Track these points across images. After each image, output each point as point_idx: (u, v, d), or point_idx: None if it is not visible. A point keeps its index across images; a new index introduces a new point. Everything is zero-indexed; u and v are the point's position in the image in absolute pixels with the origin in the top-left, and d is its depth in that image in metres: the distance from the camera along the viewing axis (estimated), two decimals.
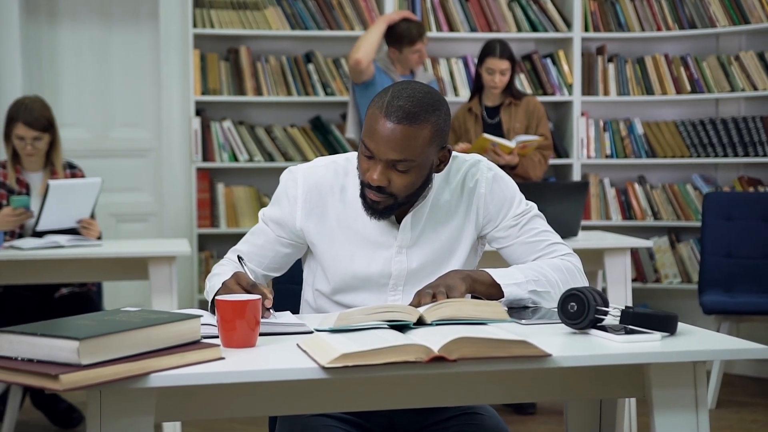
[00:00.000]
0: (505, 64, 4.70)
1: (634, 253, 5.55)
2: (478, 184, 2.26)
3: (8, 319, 4.15)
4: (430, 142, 2.09)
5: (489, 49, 4.72)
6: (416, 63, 4.79)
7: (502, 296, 2.14)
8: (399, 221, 2.21)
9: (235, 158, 5.25)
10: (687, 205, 5.55)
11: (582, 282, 2.25)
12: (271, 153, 5.27)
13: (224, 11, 5.20)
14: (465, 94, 5.31)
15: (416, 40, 4.73)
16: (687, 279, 5.54)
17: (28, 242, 3.91)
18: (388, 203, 2.13)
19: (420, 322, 1.86)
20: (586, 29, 5.51)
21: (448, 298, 2.02)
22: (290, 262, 2.34)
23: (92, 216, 4.29)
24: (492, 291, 2.14)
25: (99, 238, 4.27)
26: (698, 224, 5.26)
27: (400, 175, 2.09)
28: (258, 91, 5.25)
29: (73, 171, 4.33)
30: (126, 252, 3.86)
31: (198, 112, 5.22)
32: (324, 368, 1.59)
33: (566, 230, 4.14)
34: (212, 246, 5.34)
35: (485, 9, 5.42)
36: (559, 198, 4.11)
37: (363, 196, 2.15)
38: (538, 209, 4.21)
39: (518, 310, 2.14)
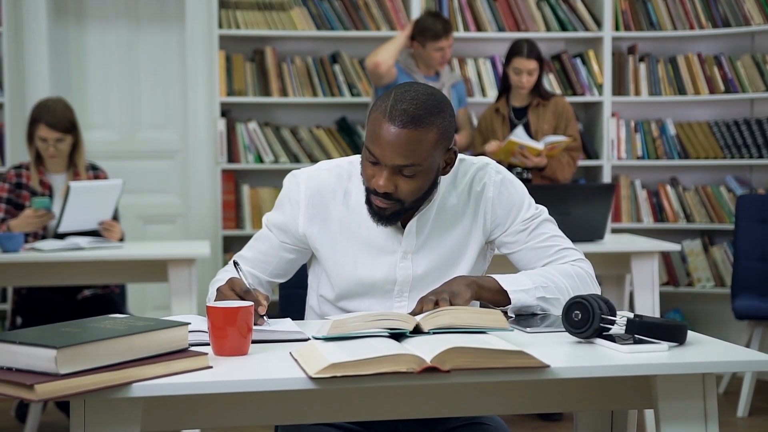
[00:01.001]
0: (532, 64, 4.62)
1: (666, 256, 5.45)
2: (485, 188, 2.20)
3: (32, 320, 4.16)
4: (436, 145, 2.03)
5: (516, 49, 4.65)
6: (440, 62, 4.73)
7: (509, 303, 2.08)
8: (404, 226, 2.16)
9: (260, 160, 5.22)
10: (720, 207, 5.43)
11: (593, 288, 2.18)
12: (296, 154, 5.23)
13: (250, 12, 5.18)
14: (493, 94, 5.23)
15: (440, 36, 4.66)
16: (720, 283, 5.43)
17: (49, 244, 3.91)
18: (395, 209, 2.08)
19: (417, 331, 1.81)
20: (617, 28, 5.41)
21: (451, 304, 1.97)
22: (295, 268, 2.29)
23: (114, 218, 4.29)
24: (499, 298, 2.08)
25: (122, 239, 4.26)
26: (732, 227, 5.14)
27: (407, 181, 2.04)
28: (283, 92, 5.22)
29: (96, 173, 4.33)
30: (145, 254, 3.85)
31: (223, 114, 5.20)
32: (311, 378, 1.55)
33: (592, 233, 4.07)
34: (237, 248, 5.28)
35: (513, 8, 5.35)
36: (585, 200, 4.04)
37: (369, 202, 2.09)
38: (564, 211, 4.12)
39: (526, 318, 2.08)
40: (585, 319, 1.81)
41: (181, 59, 5.41)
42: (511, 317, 2.08)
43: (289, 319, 2.04)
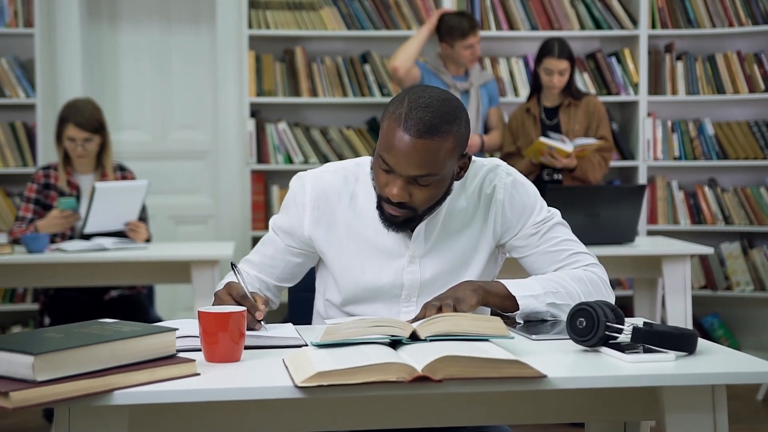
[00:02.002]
0: (563, 64, 4.54)
1: (704, 259, 5.33)
2: (495, 190, 2.14)
3: (59, 320, 4.17)
4: (452, 154, 1.98)
5: (547, 49, 4.57)
6: (469, 60, 4.66)
7: (518, 309, 2.02)
8: (412, 230, 2.11)
9: (290, 160, 5.19)
10: (760, 209, 5.30)
11: (606, 294, 2.11)
12: (326, 155, 5.20)
13: (280, 12, 5.15)
14: (525, 94, 5.15)
15: (468, 34, 4.59)
16: (760, 287, 5.30)
17: (74, 245, 3.91)
18: (408, 216, 2.03)
19: (416, 338, 1.75)
20: (653, 26, 5.31)
21: (456, 310, 1.91)
22: (303, 272, 2.25)
23: (142, 219, 4.28)
24: (507, 303, 2.02)
25: (148, 240, 4.25)
26: None
27: (422, 189, 1.98)
28: (313, 93, 5.19)
29: (123, 173, 4.33)
30: (168, 255, 3.83)
31: (253, 114, 5.18)
32: (297, 387, 1.50)
33: (622, 235, 3.98)
34: None
35: (547, 6, 5.27)
36: (615, 202, 3.95)
37: (380, 208, 2.04)
38: (593, 213, 4.03)
39: (535, 324, 2.02)
40: (590, 326, 1.75)
41: (212, 60, 5.40)
42: (520, 323, 2.02)
43: (290, 324, 2.00)
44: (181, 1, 5.43)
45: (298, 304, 2.39)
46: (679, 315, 3.93)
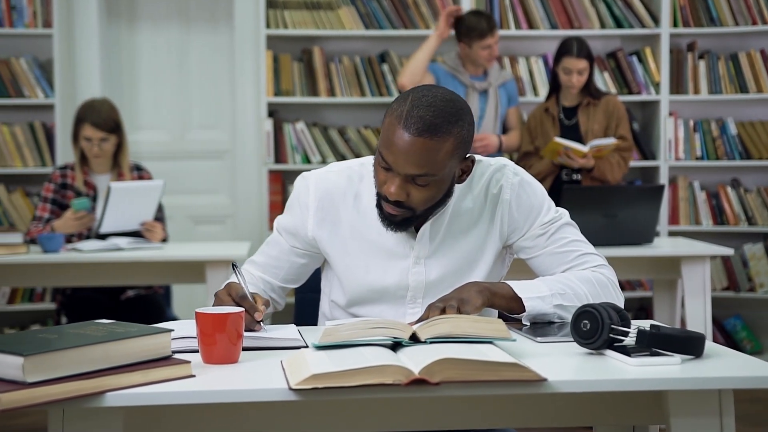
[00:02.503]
0: (582, 64, 4.49)
1: (726, 260, 5.26)
2: (502, 190, 2.11)
3: (76, 321, 4.18)
4: (452, 155, 1.94)
5: (565, 48, 4.53)
6: (487, 60, 4.62)
7: (524, 311, 1.99)
8: (417, 230, 2.08)
9: (307, 160, 5.18)
10: None
11: (615, 296, 2.08)
12: (344, 155, 5.18)
13: (297, 12, 5.14)
14: (545, 93, 5.10)
15: (486, 34, 4.55)
16: None
17: (89, 244, 3.91)
18: (406, 216, 2.00)
19: (417, 340, 1.72)
20: (675, 24, 5.24)
21: (460, 312, 1.88)
22: (308, 273, 2.23)
23: (158, 219, 4.28)
24: (513, 305, 1.99)
25: (164, 240, 4.25)
26: None
27: (420, 189, 1.96)
28: (331, 92, 5.17)
29: (140, 173, 4.33)
30: (182, 255, 3.83)
31: (271, 114, 5.17)
32: (291, 390, 1.48)
33: (641, 236, 3.94)
34: None
35: (566, 5, 5.22)
36: (633, 202, 3.90)
37: (379, 206, 2.02)
38: (611, 214, 3.99)
39: (542, 326, 1.98)
40: (594, 329, 1.71)
41: (230, 59, 5.40)
42: (526, 325, 1.99)
43: (292, 326, 1.98)
44: (199, 1, 5.43)
45: (305, 305, 2.38)
46: (699, 317, 3.87)
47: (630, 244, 3.91)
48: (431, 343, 1.67)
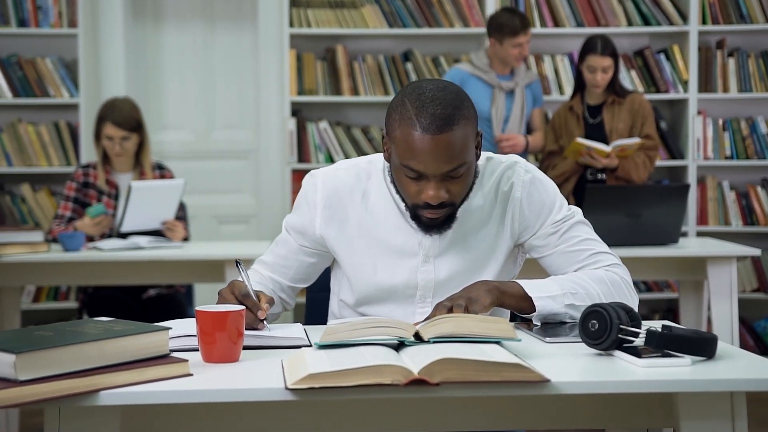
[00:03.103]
0: (607, 62, 4.43)
1: (756, 261, 5.17)
2: (513, 188, 2.07)
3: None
4: (472, 137, 1.93)
5: (590, 46, 4.47)
6: (516, 59, 4.56)
7: (534, 310, 1.95)
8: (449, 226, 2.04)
9: (331, 159, 5.15)
10: None
11: (628, 296, 2.03)
12: (367, 154, 5.13)
13: (321, 10, 5.11)
14: (570, 92, 5.04)
15: (519, 32, 4.49)
16: None
17: (110, 243, 3.92)
18: (448, 213, 1.97)
19: (421, 339, 1.69)
20: (704, 22, 5.17)
21: (468, 311, 1.85)
22: (317, 272, 2.20)
23: (180, 218, 4.28)
24: (524, 304, 1.95)
25: (186, 239, 4.25)
26: None
27: (456, 182, 1.93)
28: (355, 91, 5.15)
29: (162, 172, 4.33)
30: (201, 254, 3.81)
31: (294, 113, 5.15)
32: (287, 389, 1.45)
33: (665, 236, 3.87)
34: None
35: (593, 2, 5.16)
36: (657, 202, 3.84)
37: (416, 217, 1.97)
38: (635, 213, 3.93)
39: (554, 327, 1.94)
40: (602, 329, 1.67)
41: (254, 59, 5.39)
42: (537, 326, 1.95)
43: (298, 324, 1.95)
44: (224, 1, 5.42)
45: (316, 304, 2.35)
46: (725, 319, 3.80)
47: (654, 245, 3.84)
48: (434, 342, 1.63)
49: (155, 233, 4.12)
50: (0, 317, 4.11)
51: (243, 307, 1.69)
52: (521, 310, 1.96)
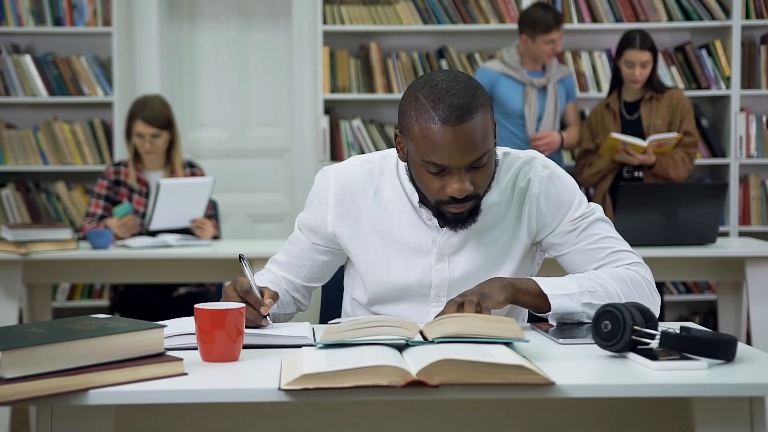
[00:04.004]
0: (645, 56, 4.33)
1: None
2: (530, 184, 2.00)
3: (128, 317, 4.17)
4: (491, 123, 1.87)
5: (628, 40, 4.37)
6: (548, 55, 4.48)
7: (550, 309, 1.88)
8: (441, 225, 1.98)
9: None
10: None
11: (649, 296, 1.95)
12: None
13: (355, 7, 5.07)
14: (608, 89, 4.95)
15: (552, 28, 4.41)
16: None
17: (138, 241, 3.91)
18: (473, 206, 1.91)
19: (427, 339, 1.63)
20: (748, 16, 5.04)
21: (480, 307, 1.78)
22: (331, 271, 2.15)
23: (210, 216, 4.26)
24: (540, 302, 1.88)
25: (216, 238, 4.23)
26: None
27: (480, 171, 1.87)
28: (388, 89, 5.09)
29: (192, 170, 4.31)
30: (227, 253, 3.79)
31: (327, 111, 5.12)
32: (280, 390, 1.40)
33: (702, 236, 3.77)
34: None
35: None
36: (694, 200, 3.74)
37: (440, 214, 1.92)
38: (671, 212, 3.82)
39: (570, 327, 1.87)
40: (615, 330, 1.60)
41: (288, 56, 5.36)
42: (553, 326, 1.88)
43: (306, 323, 1.90)
44: None
45: (332, 303, 2.30)
46: (764, 321, 3.69)
47: (690, 244, 3.74)
48: (439, 343, 1.57)
49: (185, 231, 4.10)
50: (32, 314, 4.12)
51: (243, 305, 1.64)
52: (537, 308, 1.90)
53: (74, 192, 5.09)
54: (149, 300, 4.23)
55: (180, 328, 1.72)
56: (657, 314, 1.97)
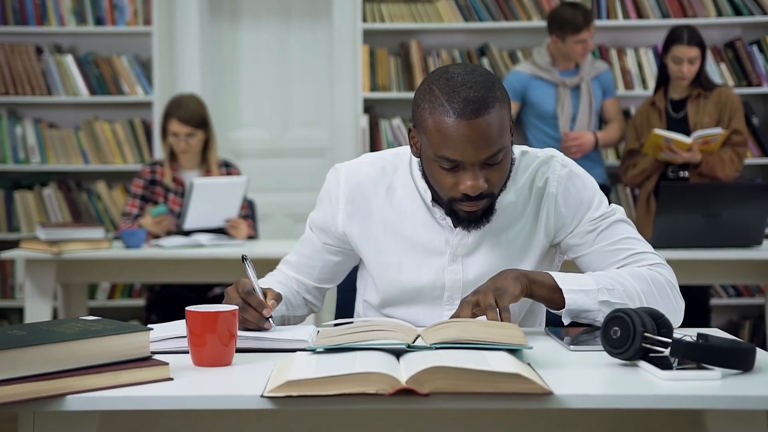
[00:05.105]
0: (693, 52, 4.20)
1: None
2: (548, 183, 1.92)
3: (165, 317, 4.15)
4: (507, 117, 1.80)
5: (675, 36, 4.24)
6: (580, 55, 4.37)
7: (565, 306, 1.79)
8: (455, 225, 1.91)
9: None
10: None
11: (672, 299, 1.86)
12: None
13: (395, 5, 5.00)
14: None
15: (581, 28, 4.31)
16: None
17: (171, 241, 3.89)
18: (488, 205, 1.84)
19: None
20: None
21: (497, 304, 1.70)
22: (344, 272, 2.09)
23: (246, 216, 4.23)
24: (555, 296, 1.80)
25: (252, 237, 4.20)
26: None
27: (495, 169, 1.80)
28: None
29: (228, 170, 4.29)
30: (258, 253, 3.74)
31: (367, 110, 5.06)
32: (263, 397, 1.34)
33: (746, 238, 3.64)
34: None
35: None
36: (738, 201, 3.61)
37: (453, 213, 1.84)
38: (714, 213, 3.68)
39: (587, 333, 1.78)
40: (624, 337, 1.51)
41: (329, 55, 5.31)
42: (569, 335, 1.79)
43: (311, 326, 1.84)
44: None
45: (347, 304, 2.24)
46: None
47: (734, 246, 3.61)
48: (437, 348, 1.50)
49: (219, 231, 4.07)
50: (67, 313, 4.13)
51: (235, 307, 1.58)
52: (552, 303, 1.81)
53: (114, 191, 5.10)
54: (185, 299, 4.21)
55: (178, 330, 1.66)
56: (680, 320, 1.88)
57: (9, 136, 5.05)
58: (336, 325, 1.77)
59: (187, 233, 4.02)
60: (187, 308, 1.56)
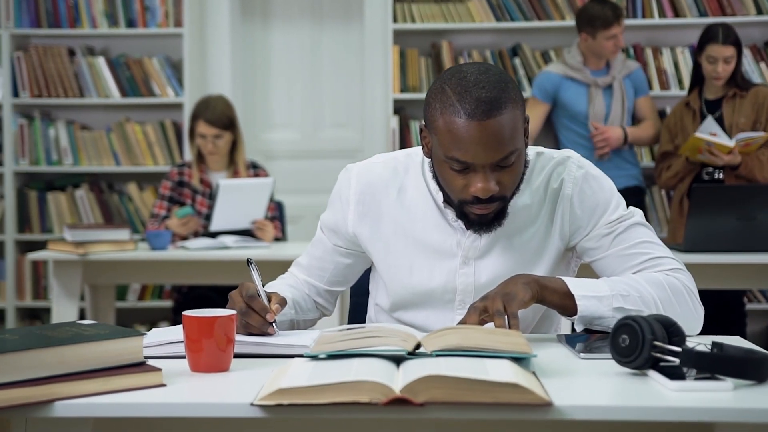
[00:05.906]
0: (729, 51, 4.11)
1: None
2: (563, 185, 1.87)
3: None
4: (521, 121, 1.75)
5: (710, 35, 4.16)
6: (611, 52, 4.30)
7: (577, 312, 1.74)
8: (467, 227, 1.86)
9: None
10: None
11: (690, 305, 1.80)
12: None
13: (426, 5, 4.96)
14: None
15: (612, 24, 4.23)
16: None
17: (197, 243, 3.88)
18: (499, 208, 1.79)
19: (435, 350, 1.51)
20: None
21: (506, 310, 1.65)
22: (355, 274, 2.05)
23: (274, 217, 4.21)
24: (567, 302, 1.74)
25: (279, 239, 4.18)
26: None
27: (507, 171, 1.75)
28: None
29: (256, 171, 4.27)
30: (284, 255, 3.72)
31: (397, 111, 5.01)
32: (253, 406, 1.30)
33: None
34: None
35: None
36: None
37: (464, 216, 1.80)
38: (749, 216, 3.59)
39: (602, 340, 1.72)
40: (633, 345, 1.46)
41: (360, 56, 5.28)
42: (582, 334, 1.74)
43: (317, 331, 1.80)
44: None
45: (360, 308, 2.19)
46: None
47: None
48: (437, 356, 1.45)
49: (246, 233, 4.05)
50: (95, 315, 4.13)
51: (233, 311, 1.55)
52: (564, 310, 1.76)
53: (145, 193, 5.11)
54: (212, 301, 4.20)
55: (174, 335, 1.63)
56: (698, 327, 1.82)
57: (42, 138, 5.08)
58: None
59: (214, 235, 4.00)
60: (184, 313, 1.53)
